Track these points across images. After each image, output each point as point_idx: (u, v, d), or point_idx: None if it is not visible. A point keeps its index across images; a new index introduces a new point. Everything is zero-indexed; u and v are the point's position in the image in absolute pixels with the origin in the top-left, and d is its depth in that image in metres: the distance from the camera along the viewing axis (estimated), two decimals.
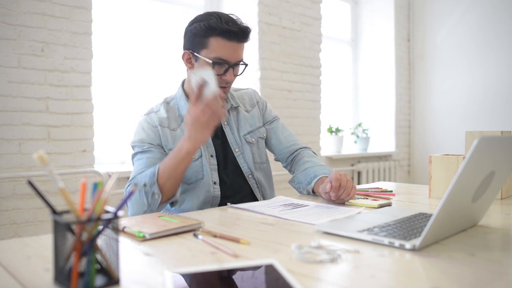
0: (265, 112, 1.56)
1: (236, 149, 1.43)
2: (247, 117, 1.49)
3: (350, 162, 3.87)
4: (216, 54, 1.28)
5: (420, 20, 4.43)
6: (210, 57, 1.28)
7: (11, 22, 2.01)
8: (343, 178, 1.20)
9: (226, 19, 1.29)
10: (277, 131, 1.54)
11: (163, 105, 1.41)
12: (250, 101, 1.54)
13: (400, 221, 0.93)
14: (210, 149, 1.38)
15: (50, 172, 0.58)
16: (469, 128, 3.95)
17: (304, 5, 3.37)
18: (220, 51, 1.28)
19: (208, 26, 1.27)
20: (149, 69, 2.81)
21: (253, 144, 1.46)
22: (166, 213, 1.05)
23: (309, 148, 1.56)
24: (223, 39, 1.28)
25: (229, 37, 1.28)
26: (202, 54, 1.30)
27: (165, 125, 1.36)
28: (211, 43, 1.28)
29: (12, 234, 2.04)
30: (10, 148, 2.03)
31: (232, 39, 1.29)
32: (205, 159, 1.36)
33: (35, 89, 2.09)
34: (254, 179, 1.44)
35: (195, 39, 1.31)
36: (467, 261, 0.71)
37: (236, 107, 1.48)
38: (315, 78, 3.47)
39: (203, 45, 1.30)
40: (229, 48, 1.29)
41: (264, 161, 1.50)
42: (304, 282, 0.61)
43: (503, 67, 3.90)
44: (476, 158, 0.73)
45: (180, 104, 1.41)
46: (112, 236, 0.61)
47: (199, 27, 1.29)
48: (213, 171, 1.37)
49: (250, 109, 1.52)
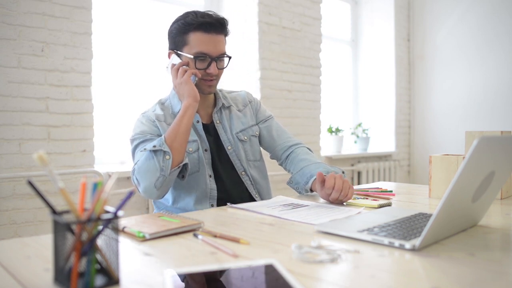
0: (258, 111, 1.57)
1: (228, 147, 1.45)
2: (239, 116, 1.51)
3: (350, 162, 3.87)
4: (197, 49, 1.33)
5: (420, 20, 4.43)
6: (192, 53, 1.34)
7: (11, 22, 2.01)
8: (337, 180, 1.19)
9: (202, 14, 1.34)
10: (271, 129, 1.56)
11: (158, 105, 1.46)
12: (243, 101, 1.57)
13: (400, 221, 0.93)
14: (204, 144, 1.41)
15: (50, 172, 0.58)
16: (469, 128, 3.95)
17: (304, 5, 3.37)
18: (200, 45, 1.33)
19: (185, 22, 1.34)
20: (149, 69, 2.81)
21: (245, 142, 1.48)
22: (166, 213, 1.05)
23: (303, 145, 1.55)
24: (201, 32, 1.33)
25: (206, 29, 1.33)
26: (184, 51, 1.36)
27: (161, 119, 1.40)
28: (191, 38, 1.34)
29: (12, 234, 2.04)
30: (10, 148, 2.03)
31: (210, 31, 1.33)
32: (201, 152, 1.39)
33: (35, 89, 2.09)
34: (247, 175, 1.46)
35: (176, 38, 1.37)
36: (467, 261, 0.71)
37: (228, 107, 1.51)
38: (315, 78, 3.47)
39: (184, 42, 1.35)
40: (209, 41, 1.33)
41: (258, 159, 1.51)
42: (304, 282, 0.61)
43: (503, 67, 3.90)
44: (476, 158, 0.73)
45: (173, 102, 1.45)
46: (112, 236, 0.61)
47: (177, 26, 1.36)
48: (208, 165, 1.40)
49: (243, 108, 1.54)
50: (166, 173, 1.23)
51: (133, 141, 1.37)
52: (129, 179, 2.42)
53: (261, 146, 1.58)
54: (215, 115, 1.47)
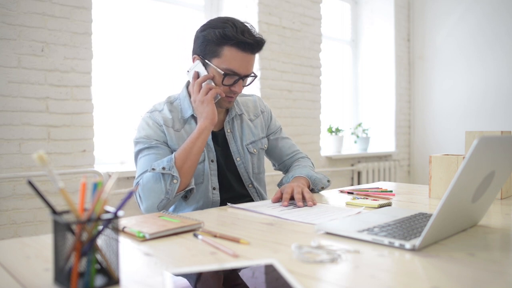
0: (270, 123, 1.54)
1: (237, 158, 1.41)
2: (250, 126, 1.47)
3: (350, 162, 3.87)
4: (228, 65, 1.26)
5: (420, 20, 4.43)
6: (222, 68, 1.26)
7: (11, 22, 2.01)
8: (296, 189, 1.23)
9: (241, 29, 1.25)
10: (280, 142, 1.55)
11: (166, 105, 1.38)
12: (255, 109, 1.52)
13: (400, 221, 0.93)
14: (211, 154, 1.36)
15: (50, 172, 0.58)
16: (469, 128, 3.95)
17: (304, 5, 3.37)
18: (233, 62, 1.26)
19: (223, 34, 1.23)
20: (149, 69, 2.81)
21: (254, 154, 1.45)
22: (166, 213, 1.05)
23: (308, 158, 1.58)
24: (237, 49, 1.25)
25: (243, 48, 1.25)
26: (214, 63, 1.27)
27: (169, 125, 1.33)
28: (224, 52, 1.25)
29: (12, 234, 2.04)
30: (10, 148, 2.03)
31: (246, 51, 1.26)
32: (206, 163, 1.35)
33: (35, 89, 2.09)
34: (254, 188, 1.44)
35: (207, 46, 1.27)
36: (467, 261, 0.71)
37: (240, 115, 1.46)
38: (315, 78, 3.47)
39: (216, 54, 1.26)
40: (242, 60, 1.26)
41: (261, 171, 1.50)
42: (304, 282, 0.61)
43: (503, 67, 3.90)
44: (476, 158, 0.73)
45: (183, 105, 1.38)
46: (112, 236, 0.61)
47: (213, 34, 1.25)
48: (213, 176, 1.36)
49: (254, 118, 1.50)
50: (171, 196, 1.21)
51: (137, 144, 1.31)
52: (129, 179, 2.42)
53: (267, 157, 1.57)
54: (227, 124, 1.42)
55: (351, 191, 1.45)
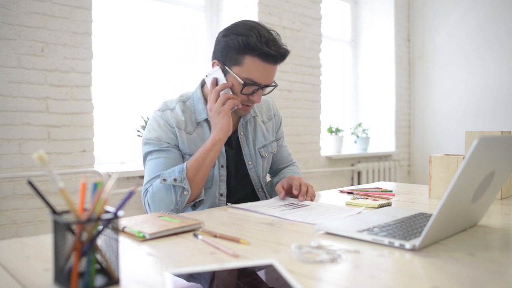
0: (279, 129, 1.54)
1: (249, 162, 1.39)
2: (263, 129, 1.45)
3: (350, 162, 3.87)
4: (248, 74, 1.21)
5: (420, 20, 4.43)
6: (242, 77, 1.22)
7: (11, 22, 2.01)
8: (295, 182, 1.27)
9: (266, 39, 1.20)
10: (281, 149, 1.55)
11: (179, 104, 1.32)
12: (268, 111, 1.50)
13: (400, 221, 0.93)
14: (222, 160, 1.32)
15: (50, 172, 0.58)
16: (469, 128, 3.95)
17: (304, 5, 3.37)
18: (254, 72, 1.21)
19: (246, 43, 1.18)
20: (149, 69, 2.81)
21: (265, 158, 1.43)
22: (166, 213, 1.05)
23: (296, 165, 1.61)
24: (259, 60, 1.20)
25: (266, 59, 1.20)
26: (234, 71, 1.22)
27: (182, 127, 1.29)
28: (246, 61, 1.20)
29: (12, 234, 2.04)
30: (10, 148, 2.03)
31: (269, 62, 1.22)
32: (216, 169, 1.32)
33: (35, 89, 2.09)
34: (263, 192, 1.43)
35: (229, 52, 1.22)
36: (467, 261, 0.71)
37: (254, 117, 1.43)
38: (315, 78, 3.47)
39: (237, 62, 1.22)
40: (264, 71, 1.22)
41: (265, 175, 1.49)
42: (304, 282, 0.61)
43: (503, 67, 3.90)
44: (476, 158, 0.73)
45: (197, 107, 1.33)
46: (112, 236, 0.61)
47: (236, 41, 1.20)
48: (222, 182, 1.33)
49: (267, 121, 1.48)
50: (181, 207, 1.20)
51: (146, 145, 1.27)
52: (129, 179, 2.42)
53: None
54: (241, 127, 1.39)
55: (351, 191, 1.45)
